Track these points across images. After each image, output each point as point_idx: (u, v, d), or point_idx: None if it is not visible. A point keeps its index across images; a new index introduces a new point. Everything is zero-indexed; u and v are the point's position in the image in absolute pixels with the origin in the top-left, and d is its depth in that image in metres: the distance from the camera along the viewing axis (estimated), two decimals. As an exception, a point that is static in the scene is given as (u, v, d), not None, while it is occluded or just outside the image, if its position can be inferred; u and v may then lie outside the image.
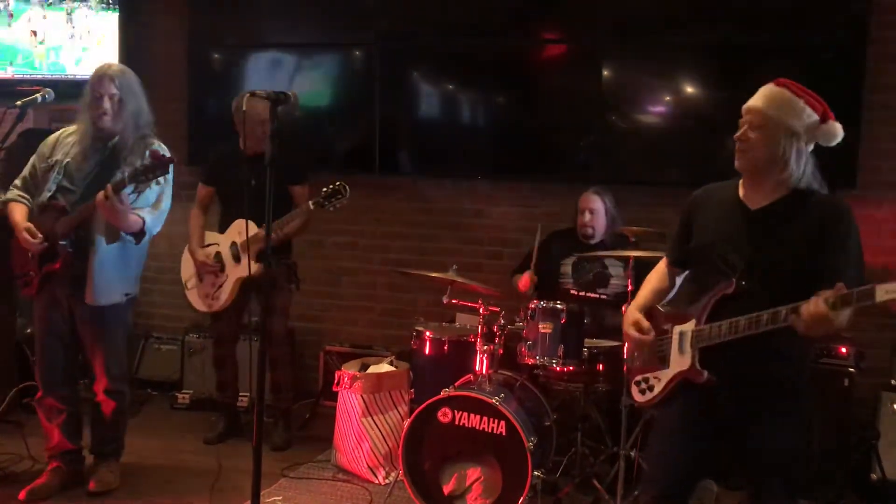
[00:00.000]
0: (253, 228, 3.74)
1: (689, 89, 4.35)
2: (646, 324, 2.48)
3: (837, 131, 2.32)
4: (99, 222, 3.20)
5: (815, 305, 2.01)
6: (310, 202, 3.87)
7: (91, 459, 3.55)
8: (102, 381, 3.39)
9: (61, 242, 3.20)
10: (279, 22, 4.94)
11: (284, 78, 4.90)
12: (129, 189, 3.08)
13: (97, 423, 3.49)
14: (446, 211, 4.82)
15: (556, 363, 3.43)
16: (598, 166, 4.38)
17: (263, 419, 2.54)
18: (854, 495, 3.66)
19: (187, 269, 4.17)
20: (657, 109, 4.38)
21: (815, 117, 2.30)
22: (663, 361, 2.44)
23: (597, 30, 4.38)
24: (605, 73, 4.36)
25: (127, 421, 3.58)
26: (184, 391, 4.74)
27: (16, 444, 3.80)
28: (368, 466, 3.73)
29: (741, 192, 2.38)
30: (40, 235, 3.18)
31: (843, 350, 3.68)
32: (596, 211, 4.02)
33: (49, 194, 3.25)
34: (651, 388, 2.47)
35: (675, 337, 2.40)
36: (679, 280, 2.69)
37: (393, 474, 3.66)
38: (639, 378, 2.53)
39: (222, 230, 4.09)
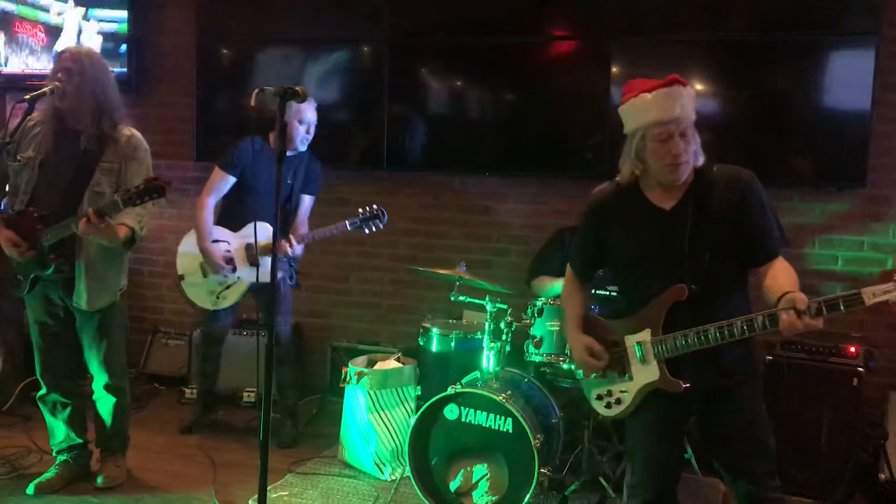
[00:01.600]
0: (269, 232, 3.68)
1: (699, 86, 4.32)
2: (598, 347, 2.44)
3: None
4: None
5: (806, 325, 2.04)
6: (346, 222, 3.88)
7: (97, 454, 3.56)
8: (102, 378, 3.38)
9: (51, 256, 3.13)
10: (288, 17, 4.93)
11: (294, 73, 4.89)
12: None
13: (100, 419, 3.48)
14: (454, 207, 4.81)
15: (563, 360, 3.42)
16: (607, 163, 4.35)
17: (270, 415, 2.54)
18: (862, 496, 3.64)
19: (188, 262, 3.98)
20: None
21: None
22: (623, 373, 2.41)
23: (606, 26, 4.36)
24: (615, 69, 4.33)
25: (130, 416, 3.58)
26: (191, 386, 4.74)
27: (24, 438, 3.82)
28: (375, 463, 3.73)
29: (647, 194, 2.36)
30: (25, 244, 3.11)
31: (853, 350, 3.65)
32: None
33: (27, 198, 3.16)
34: (619, 402, 2.43)
35: (632, 348, 2.38)
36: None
37: (399, 471, 3.67)
38: (600, 392, 2.48)
39: (233, 227, 3.96)
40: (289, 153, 3.92)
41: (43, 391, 3.43)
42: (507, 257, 4.71)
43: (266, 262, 3.82)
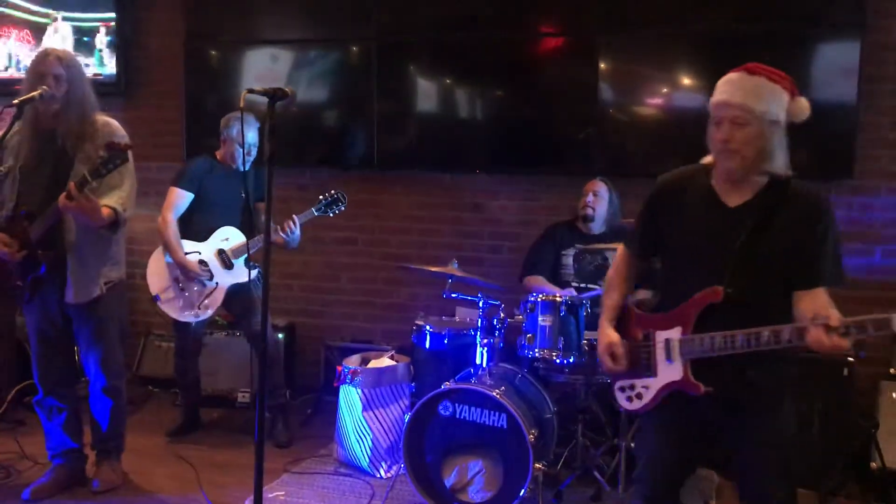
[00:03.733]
0: (240, 237, 4.03)
1: (687, 80, 4.34)
2: (620, 351, 2.39)
3: (806, 106, 2.21)
4: (69, 221, 3.13)
5: (833, 343, 1.98)
6: (312, 209, 4.05)
7: (93, 457, 3.55)
8: (100, 380, 3.38)
9: (40, 251, 3.12)
10: (276, 18, 4.93)
11: (282, 74, 4.89)
12: (95, 185, 2.99)
13: (96, 422, 3.48)
14: (446, 205, 4.82)
15: (556, 355, 3.43)
16: (597, 158, 4.38)
17: (265, 415, 2.54)
18: (854, 484, 3.67)
19: (159, 280, 4.00)
20: (656, 101, 4.37)
21: (787, 97, 2.19)
22: (647, 369, 2.36)
23: (593, 21, 4.38)
24: (602, 65, 4.35)
25: (125, 418, 3.57)
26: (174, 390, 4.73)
27: (16, 444, 3.81)
28: (370, 461, 3.74)
29: (715, 185, 2.26)
30: (16, 244, 3.11)
31: (843, 339, 3.67)
32: (599, 194, 4.04)
33: (12, 204, 3.16)
34: (640, 397, 2.38)
35: (661, 344, 2.31)
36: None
37: (395, 468, 3.68)
38: (623, 384, 2.44)
39: (199, 239, 4.02)
40: (234, 168, 4.09)
41: (39, 396, 3.43)
42: (499, 254, 4.72)
43: (240, 264, 3.97)
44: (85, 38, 5.17)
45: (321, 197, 4.07)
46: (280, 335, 4.73)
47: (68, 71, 3.12)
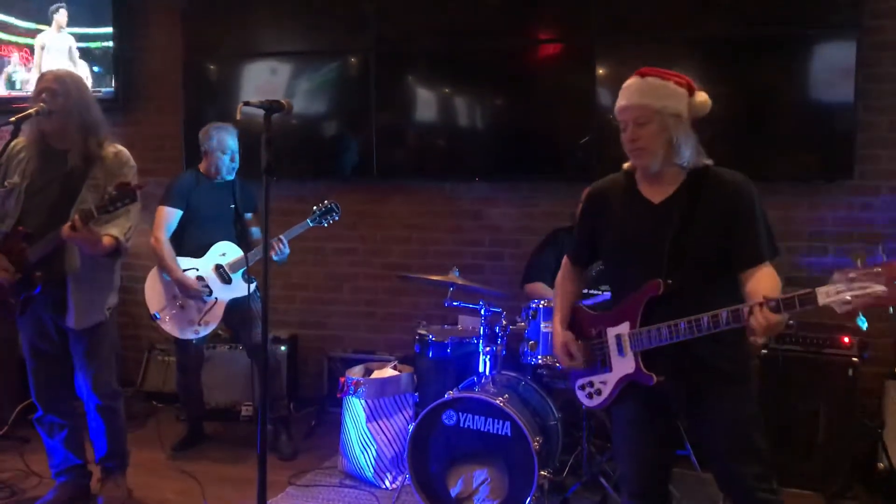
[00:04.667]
0: (237, 251, 4.04)
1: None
2: (574, 347, 2.49)
3: (707, 100, 2.31)
4: (71, 247, 3.13)
5: (765, 317, 2.03)
6: (308, 220, 4.06)
7: (97, 473, 3.54)
8: (92, 400, 3.36)
9: (37, 273, 3.10)
10: (274, 31, 4.95)
11: (281, 86, 4.91)
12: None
13: (96, 440, 3.46)
14: (446, 213, 4.83)
15: (558, 362, 3.41)
16: (595, 164, 4.37)
17: (267, 428, 2.53)
18: (861, 486, 3.66)
19: (157, 299, 3.99)
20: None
21: (685, 93, 2.30)
22: (603, 364, 2.45)
23: (590, 27, 4.39)
24: (600, 70, 4.36)
25: (125, 435, 3.54)
26: (177, 404, 4.72)
27: (22, 461, 3.81)
28: (375, 472, 3.73)
29: (639, 186, 2.38)
30: (12, 268, 3.10)
31: (847, 340, 3.67)
32: None
33: (13, 222, 3.15)
34: (599, 392, 2.47)
35: (612, 340, 2.40)
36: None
37: (400, 479, 3.67)
38: (583, 382, 2.53)
39: (195, 254, 4.01)
40: (217, 180, 4.10)
41: (39, 413, 3.42)
42: (501, 261, 4.72)
43: (238, 278, 3.99)
44: (83, 54, 5.19)
45: (315, 208, 4.08)
46: (282, 347, 4.73)
47: (62, 85, 3.13)
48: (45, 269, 3.12)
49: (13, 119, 3.07)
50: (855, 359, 3.63)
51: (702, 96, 2.31)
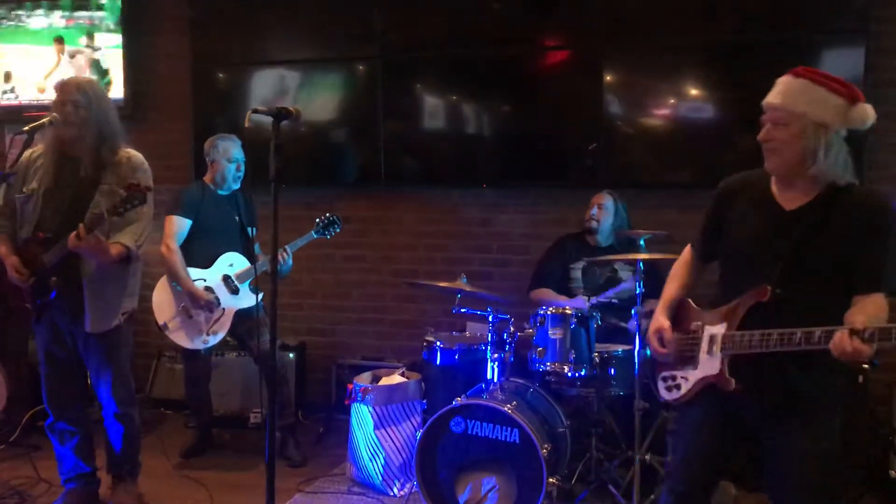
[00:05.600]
0: (244, 262, 4.07)
1: (693, 91, 4.34)
2: (669, 336, 2.43)
3: (868, 113, 2.18)
4: None
5: (847, 343, 1.96)
6: (312, 231, 4.12)
7: (108, 480, 3.55)
8: (111, 406, 3.38)
9: (52, 278, 3.14)
10: (282, 39, 4.97)
11: (289, 94, 4.93)
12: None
13: (110, 446, 3.48)
14: (453, 220, 4.83)
15: (567, 369, 3.42)
16: (603, 170, 4.38)
17: (275, 435, 2.54)
18: (872, 494, 3.63)
19: (166, 309, 3.99)
20: (661, 112, 4.37)
21: (842, 102, 2.16)
22: (691, 361, 2.39)
23: (596, 34, 4.39)
24: (608, 77, 4.36)
25: (140, 442, 3.56)
26: (187, 412, 4.73)
27: (31, 468, 3.82)
28: (383, 479, 3.72)
29: (774, 189, 2.27)
30: (27, 272, 3.15)
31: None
32: (605, 207, 4.04)
33: (32, 227, 3.19)
34: (678, 387, 2.43)
35: (706, 338, 2.34)
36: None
37: (408, 486, 3.66)
38: (665, 374, 2.48)
39: (202, 265, 4.02)
40: (223, 192, 4.13)
41: (50, 420, 3.43)
42: (508, 267, 4.72)
43: (245, 288, 4.02)
44: (93, 62, 5.23)
45: (317, 220, 4.12)
46: (290, 354, 4.73)
47: (86, 97, 3.17)
48: (60, 273, 3.15)
49: (27, 128, 3.10)
50: (865, 366, 3.59)
51: (863, 108, 2.18)
